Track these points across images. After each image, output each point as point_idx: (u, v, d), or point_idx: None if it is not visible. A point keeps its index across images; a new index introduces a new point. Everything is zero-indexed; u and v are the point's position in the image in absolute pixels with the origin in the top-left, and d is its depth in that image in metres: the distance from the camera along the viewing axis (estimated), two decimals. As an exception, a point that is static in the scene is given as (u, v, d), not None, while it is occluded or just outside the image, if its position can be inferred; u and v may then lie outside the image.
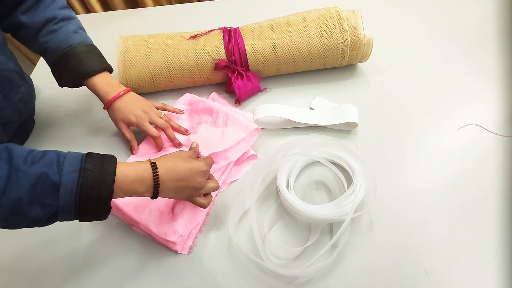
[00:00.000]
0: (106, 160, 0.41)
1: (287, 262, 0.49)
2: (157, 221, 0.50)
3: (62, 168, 0.37)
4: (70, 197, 0.37)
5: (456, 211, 0.51)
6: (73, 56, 0.56)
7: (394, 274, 0.46)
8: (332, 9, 0.67)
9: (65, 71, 0.57)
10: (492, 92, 0.67)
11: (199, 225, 0.52)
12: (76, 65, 0.56)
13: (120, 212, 0.52)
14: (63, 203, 0.37)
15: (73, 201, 0.38)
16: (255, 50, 0.66)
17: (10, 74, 0.57)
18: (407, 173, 0.56)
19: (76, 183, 0.37)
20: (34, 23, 0.56)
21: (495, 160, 0.57)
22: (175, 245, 0.50)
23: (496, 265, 0.46)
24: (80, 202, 0.38)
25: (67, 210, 0.38)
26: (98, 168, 0.39)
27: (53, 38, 0.56)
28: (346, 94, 0.69)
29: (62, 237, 0.53)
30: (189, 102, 0.68)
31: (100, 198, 0.39)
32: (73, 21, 0.59)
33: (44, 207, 0.37)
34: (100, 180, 0.39)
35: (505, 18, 0.82)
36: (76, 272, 0.50)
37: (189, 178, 0.45)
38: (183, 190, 0.45)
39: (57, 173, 0.37)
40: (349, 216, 0.46)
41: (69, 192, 0.37)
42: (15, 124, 0.60)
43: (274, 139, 0.63)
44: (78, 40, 0.57)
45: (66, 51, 0.56)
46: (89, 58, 0.57)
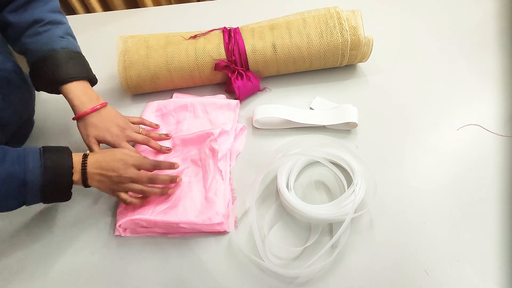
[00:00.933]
0: (62, 153, 0.48)
1: (287, 262, 0.49)
2: (196, 213, 0.51)
3: (26, 167, 0.44)
4: (36, 191, 0.44)
5: (456, 211, 0.51)
6: (52, 61, 0.54)
7: (394, 274, 0.46)
8: (332, 9, 0.67)
9: (42, 75, 0.55)
10: (492, 92, 0.67)
11: (230, 202, 0.54)
12: (54, 70, 0.54)
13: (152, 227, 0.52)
14: (30, 195, 0.44)
15: (39, 193, 0.45)
16: (255, 50, 0.66)
17: (9, 74, 0.56)
18: (407, 173, 0.56)
19: (39, 178, 0.44)
20: (20, 22, 0.54)
21: (495, 160, 0.57)
22: (222, 226, 0.51)
23: (496, 265, 0.46)
24: (45, 194, 0.45)
25: (33, 199, 0.45)
26: (57, 164, 0.46)
27: (36, 40, 0.54)
28: (346, 94, 0.69)
29: (62, 235, 0.53)
30: (156, 108, 0.67)
31: (61, 188, 0.47)
32: (61, 26, 0.57)
33: (14, 199, 0.44)
34: (59, 174, 0.46)
35: (505, 18, 0.82)
36: (72, 270, 0.50)
37: (109, 168, 0.50)
38: (104, 180, 0.50)
39: (23, 171, 0.43)
40: (349, 216, 0.46)
41: (35, 187, 0.44)
42: (14, 125, 0.59)
43: (274, 139, 0.63)
44: (62, 45, 0.55)
45: (46, 55, 0.54)
46: (70, 65, 0.55)
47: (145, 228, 0.52)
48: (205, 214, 0.51)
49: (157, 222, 0.50)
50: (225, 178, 0.56)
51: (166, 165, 0.54)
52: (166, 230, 0.52)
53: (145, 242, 0.52)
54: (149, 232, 0.52)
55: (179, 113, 0.66)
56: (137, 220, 0.51)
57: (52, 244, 0.53)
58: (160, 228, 0.52)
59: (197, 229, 0.51)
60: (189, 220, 0.50)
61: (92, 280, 0.49)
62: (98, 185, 0.50)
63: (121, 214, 0.53)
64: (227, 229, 0.51)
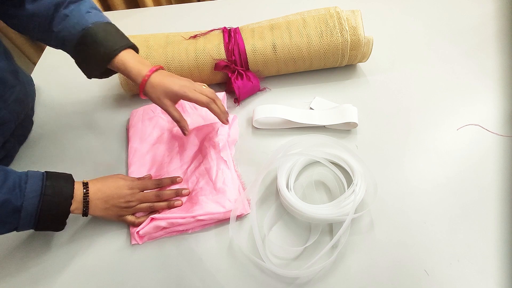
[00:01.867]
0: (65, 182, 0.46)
1: (287, 262, 0.49)
2: (211, 205, 0.52)
3: (24, 194, 0.42)
4: (30, 218, 0.43)
5: (456, 210, 0.51)
6: (91, 38, 0.50)
7: (394, 274, 0.46)
8: (332, 9, 0.67)
9: (88, 58, 0.52)
10: (492, 92, 0.67)
11: (240, 187, 0.56)
12: (96, 47, 0.50)
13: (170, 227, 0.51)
14: (23, 223, 0.43)
15: (32, 221, 0.43)
16: (255, 50, 0.66)
17: (2, 73, 0.55)
18: (407, 173, 0.56)
19: (36, 207, 0.43)
20: (43, 10, 0.51)
21: (495, 160, 0.57)
22: (238, 211, 0.52)
23: (496, 265, 0.46)
24: (39, 222, 0.44)
25: (26, 227, 0.44)
26: (57, 193, 0.44)
27: (66, 24, 0.51)
28: (346, 94, 0.69)
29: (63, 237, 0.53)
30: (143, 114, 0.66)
31: (57, 217, 0.45)
32: (84, 1, 0.54)
33: (5, 225, 0.43)
34: (57, 204, 0.44)
35: (505, 19, 0.82)
36: (73, 268, 0.50)
37: (116, 195, 0.50)
38: (110, 208, 0.50)
39: (19, 197, 0.42)
40: (349, 217, 0.46)
41: (29, 215, 0.43)
42: (12, 124, 0.59)
43: (274, 139, 0.63)
44: (92, 20, 0.52)
45: (81, 34, 0.50)
46: (109, 37, 0.51)
47: (163, 230, 0.52)
48: (218, 203, 0.52)
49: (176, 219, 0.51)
50: (230, 167, 0.57)
51: (167, 181, 0.56)
52: (185, 227, 0.52)
53: (146, 243, 0.52)
54: (167, 234, 0.52)
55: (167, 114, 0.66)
56: (155, 221, 0.50)
57: (45, 245, 0.53)
58: (178, 226, 0.52)
59: (215, 218, 0.52)
60: (205, 211, 0.51)
61: (91, 280, 0.49)
62: (102, 213, 0.49)
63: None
64: (243, 212, 0.53)
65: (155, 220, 0.51)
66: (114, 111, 0.70)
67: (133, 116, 0.66)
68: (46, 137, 0.67)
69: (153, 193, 0.53)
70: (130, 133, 0.64)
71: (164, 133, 0.64)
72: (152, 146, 0.62)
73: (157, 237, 0.52)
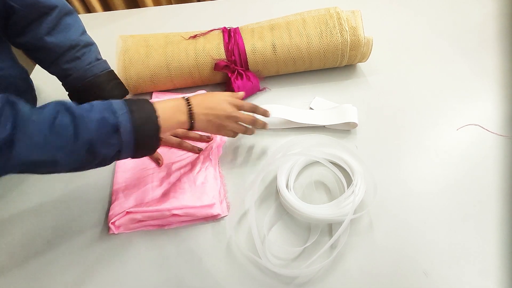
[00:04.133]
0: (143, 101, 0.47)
1: (287, 262, 0.48)
2: (187, 197, 0.52)
3: (116, 111, 0.42)
4: (129, 134, 0.43)
5: (456, 211, 0.51)
6: (97, 85, 0.58)
7: (393, 275, 0.46)
8: (332, 9, 0.67)
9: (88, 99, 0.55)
10: (492, 92, 0.67)
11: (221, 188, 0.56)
12: (100, 94, 0.58)
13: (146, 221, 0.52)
14: (124, 141, 0.43)
15: (132, 138, 0.43)
16: (255, 50, 0.66)
17: (16, 80, 0.57)
18: (407, 173, 0.56)
19: (130, 122, 0.43)
20: (57, 47, 0.55)
21: (495, 160, 0.57)
22: (214, 207, 0.52)
23: (496, 266, 0.46)
24: (137, 138, 0.44)
25: (127, 147, 0.44)
26: (141, 109, 0.45)
27: (77, 66, 0.57)
28: (346, 94, 0.69)
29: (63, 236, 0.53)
30: None
31: (151, 132, 0.45)
32: (93, 48, 0.60)
33: (111, 146, 0.42)
34: (146, 118, 0.45)
35: (505, 18, 0.82)
36: (72, 271, 0.50)
37: (217, 107, 0.52)
38: (214, 119, 0.52)
39: (113, 116, 0.42)
40: (349, 217, 0.46)
41: (127, 130, 0.43)
42: None
43: (274, 139, 0.63)
44: (101, 69, 0.59)
45: (90, 80, 0.57)
46: (112, 87, 0.59)
47: (139, 223, 0.52)
48: (196, 196, 0.53)
49: (151, 212, 0.51)
50: (214, 166, 0.58)
51: (261, 110, 0.57)
52: (161, 222, 0.52)
53: (143, 241, 0.52)
54: (143, 227, 0.52)
55: None
56: (131, 214, 0.51)
57: (46, 243, 0.52)
58: (154, 220, 0.52)
59: (190, 214, 0.51)
60: (180, 204, 0.51)
61: (89, 279, 0.49)
62: (205, 124, 0.52)
63: (113, 211, 0.53)
64: (220, 213, 0.52)
65: (131, 213, 0.51)
66: (114, 111, 0.70)
67: None
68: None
69: (250, 118, 0.55)
70: None
71: None
72: None
73: (133, 229, 0.52)
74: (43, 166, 0.40)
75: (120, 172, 0.58)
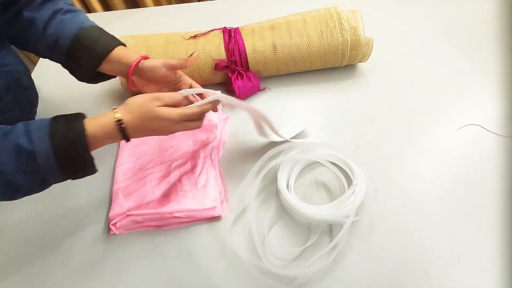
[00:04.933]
0: (72, 118, 0.43)
1: (287, 262, 0.48)
2: (189, 201, 0.52)
3: (31, 137, 0.39)
4: (48, 160, 0.39)
5: (457, 211, 0.51)
6: (87, 37, 0.51)
7: (394, 275, 0.46)
8: (332, 9, 0.67)
9: (82, 56, 0.52)
10: (492, 92, 0.67)
11: (222, 189, 0.55)
12: (93, 45, 0.51)
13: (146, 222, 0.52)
14: (44, 168, 0.40)
15: (53, 164, 0.40)
16: (255, 50, 0.66)
17: (20, 75, 0.57)
18: (407, 173, 0.56)
19: (48, 146, 0.39)
20: (41, 16, 0.52)
21: (495, 160, 0.57)
22: (215, 210, 0.52)
23: (496, 265, 0.46)
24: (60, 163, 0.40)
25: (51, 173, 0.41)
26: (67, 127, 0.41)
27: (63, 26, 0.52)
28: (346, 94, 0.69)
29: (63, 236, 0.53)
30: None
31: (77, 153, 0.41)
32: (80, 12, 0.56)
33: (30, 175, 0.40)
34: (71, 137, 0.41)
35: (505, 18, 0.81)
36: (70, 271, 0.50)
37: (158, 131, 0.46)
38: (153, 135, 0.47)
39: (28, 142, 0.39)
40: (350, 219, 0.46)
41: (45, 156, 0.39)
42: None
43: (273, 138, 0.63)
44: (89, 23, 0.54)
45: (78, 33, 0.51)
46: (104, 37, 0.53)
47: (139, 224, 0.52)
48: (197, 200, 0.52)
49: (151, 215, 0.51)
50: (215, 167, 0.57)
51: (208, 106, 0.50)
52: (161, 223, 0.52)
53: (143, 241, 0.52)
54: (143, 227, 0.52)
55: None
56: (131, 216, 0.51)
57: (46, 242, 0.52)
58: (154, 221, 0.52)
59: (191, 216, 0.52)
60: (182, 207, 0.51)
61: (89, 279, 0.49)
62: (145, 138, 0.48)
63: (114, 212, 0.53)
64: (221, 214, 0.52)
65: (132, 216, 0.51)
66: (114, 111, 0.70)
67: None
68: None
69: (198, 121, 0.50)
70: None
71: None
72: (145, 140, 0.63)
73: (133, 229, 0.52)
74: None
75: (120, 172, 0.58)
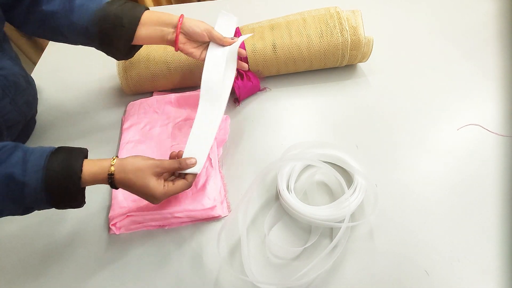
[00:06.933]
0: (73, 156, 0.43)
1: (287, 262, 0.48)
2: (189, 200, 0.53)
3: (26, 168, 0.40)
4: (36, 194, 0.40)
5: (457, 211, 0.51)
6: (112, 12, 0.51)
7: (394, 274, 0.46)
8: (332, 9, 0.67)
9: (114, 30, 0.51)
10: (492, 92, 0.67)
11: (221, 188, 0.56)
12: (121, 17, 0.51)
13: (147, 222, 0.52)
14: (30, 200, 0.40)
15: (41, 198, 0.40)
16: (255, 50, 0.66)
17: (17, 78, 0.57)
18: (407, 172, 0.56)
19: (40, 181, 0.40)
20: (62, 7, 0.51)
21: (495, 160, 0.57)
22: (215, 210, 0.52)
23: (496, 265, 0.46)
24: (50, 197, 0.41)
25: (38, 204, 0.41)
26: (63, 167, 0.41)
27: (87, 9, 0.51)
28: (346, 94, 0.69)
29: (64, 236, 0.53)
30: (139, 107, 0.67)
31: (68, 192, 0.42)
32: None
33: (15, 202, 0.40)
34: (65, 177, 0.41)
35: (505, 19, 0.81)
36: (71, 271, 0.50)
37: (143, 196, 0.47)
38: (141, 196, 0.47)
39: (22, 172, 0.39)
40: (346, 220, 0.46)
41: (33, 191, 0.40)
42: (19, 125, 0.61)
43: (275, 138, 0.63)
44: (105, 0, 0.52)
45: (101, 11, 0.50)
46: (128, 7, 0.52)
47: (139, 224, 0.52)
48: (197, 200, 0.53)
49: (152, 215, 0.51)
50: (214, 166, 0.57)
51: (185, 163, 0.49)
52: (162, 222, 0.52)
53: (143, 241, 0.52)
54: (144, 227, 0.52)
55: (163, 108, 0.67)
56: (131, 217, 0.51)
57: (46, 242, 0.53)
58: (155, 221, 0.52)
59: (191, 216, 0.52)
60: (182, 208, 0.51)
61: (90, 279, 0.49)
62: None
63: (114, 212, 0.53)
64: (221, 214, 0.52)
65: (132, 216, 0.51)
66: (115, 110, 0.70)
67: (129, 108, 0.68)
68: (47, 136, 0.67)
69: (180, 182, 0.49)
70: (124, 124, 0.65)
71: (156, 127, 0.64)
72: (144, 139, 0.63)
73: (133, 229, 0.52)
74: None
75: None
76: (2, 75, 0.55)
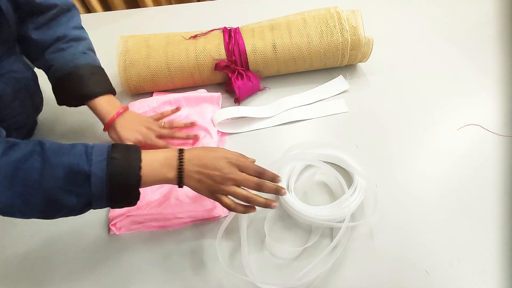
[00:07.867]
0: (131, 149, 0.43)
1: (287, 262, 0.48)
2: (189, 201, 0.53)
3: (92, 158, 0.39)
4: (101, 184, 0.39)
5: (457, 210, 0.51)
6: (78, 77, 0.55)
7: (394, 274, 0.46)
8: (332, 9, 0.67)
9: (67, 91, 0.56)
10: (492, 92, 0.67)
11: None
12: (79, 87, 0.55)
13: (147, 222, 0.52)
14: (95, 191, 0.39)
15: (104, 189, 0.39)
16: (255, 50, 0.66)
17: (28, 82, 0.58)
18: (407, 172, 0.56)
19: (105, 171, 0.39)
20: (44, 40, 0.55)
21: (495, 160, 0.57)
22: (215, 210, 0.52)
23: (496, 265, 0.46)
24: (111, 189, 0.40)
25: (99, 198, 0.40)
26: (124, 157, 0.41)
27: (60, 57, 0.55)
28: (346, 94, 0.69)
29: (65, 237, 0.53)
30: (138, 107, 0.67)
31: (129, 184, 0.41)
32: (83, 42, 0.58)
33: (78, 196, 0.39)
34: (127, 167, 0.41)
35: (505, 18, 0.82)
36: (71, 271, 0.50)
37: (212, 165, 0.44)
38: (206, 180, 0.44)
39: (87, 163, 0.39)
40: (347, 220, 0.46)
41: (99, 180, 0.39)
42: (27, 127, 0.62)
43: (275, 138, 0.63)
44: (85, 62, 0.57)
45: (71, 71, 0.55)
46: (93, 80, 0.57)
47: (140, 224, 0.52)
48: (197, 201, 0.53)
49: (153, 216, 0.51)
50: None
51: (270, 174, 0.47)
52: (163, 223, 0.52)
53: (143, 241, 0.52)
54: (144, 228, 0.52)
55: (163, 108, 0.67)
56: (132, 217, 0.51)
57: (46, 242, 0.53)
58: (156, 222, 0.52)
59: (191, 217, 0.52)
60: (182, 208, 0.52)
61: (90, 279, 0.49)
62: (196, 185, 0.44)
63: (114, 212, 0.53)
64: (221, 214, 0.53)
65: (132, 216, 0.51)
66: (114, 111, 0.70)
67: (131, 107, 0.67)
68: (48, 136, 0.67)
69: (254, 181, 0.45)
70: None
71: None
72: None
73: (134, 230, 0.52)
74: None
75: None
76: (15, 78, 0.55)
